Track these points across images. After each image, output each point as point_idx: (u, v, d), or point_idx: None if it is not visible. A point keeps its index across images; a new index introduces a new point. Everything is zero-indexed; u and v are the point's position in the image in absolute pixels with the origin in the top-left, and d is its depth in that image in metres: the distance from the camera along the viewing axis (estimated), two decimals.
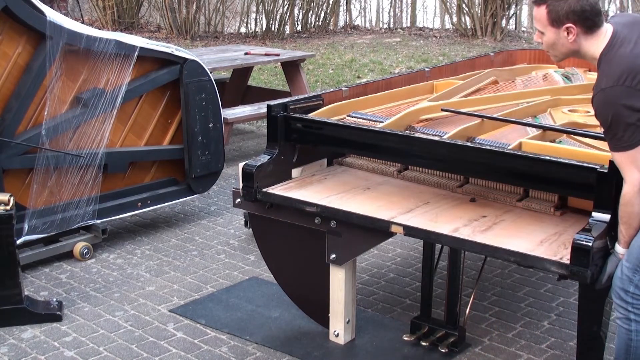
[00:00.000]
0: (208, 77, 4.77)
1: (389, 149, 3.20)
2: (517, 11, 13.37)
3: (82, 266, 4.32)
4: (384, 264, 4.31)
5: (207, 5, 13.22)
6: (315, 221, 3.23)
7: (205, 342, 3.50)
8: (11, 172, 4.16)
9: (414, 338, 3.40)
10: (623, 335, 2.70)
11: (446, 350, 3.32)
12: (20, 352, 3.41)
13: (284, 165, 3.41)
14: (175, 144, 4.81)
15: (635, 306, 2.65)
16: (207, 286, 4.07)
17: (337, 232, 3.20)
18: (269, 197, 3.30)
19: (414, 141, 3.14)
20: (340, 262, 3.26)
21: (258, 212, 3.41)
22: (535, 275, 4.11)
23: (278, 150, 3.37)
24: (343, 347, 3.41)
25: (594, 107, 2.59)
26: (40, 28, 4.06)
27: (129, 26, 13.13)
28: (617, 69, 2.55)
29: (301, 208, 3.21)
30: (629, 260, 2.63)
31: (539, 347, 3.39)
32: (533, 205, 3.07)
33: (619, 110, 2.50)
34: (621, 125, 2.51)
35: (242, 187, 3.34)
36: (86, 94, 4.30)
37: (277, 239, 3.51)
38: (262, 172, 3.31)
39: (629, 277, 2.63)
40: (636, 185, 2.52)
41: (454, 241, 2.88)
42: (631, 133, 2.51)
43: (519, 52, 5.05)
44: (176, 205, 5.20)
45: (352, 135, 3.29)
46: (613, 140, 2.55)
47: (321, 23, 14.21)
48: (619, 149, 2.54)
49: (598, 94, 2.56)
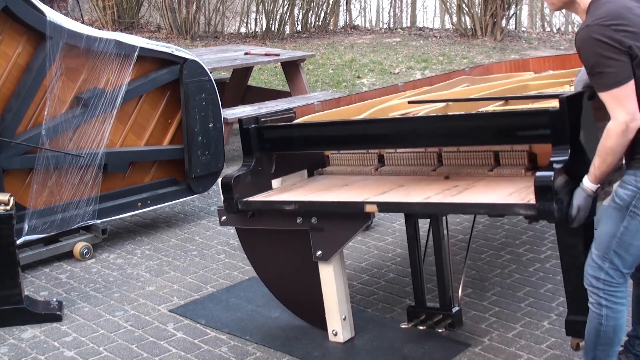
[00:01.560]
0: (208, 77, 4.77)
1: (359, 136, 3.31)
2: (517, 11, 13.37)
3: (82, 266, 4.32)
4: (384, 264, 4.31)
5: (207, 5, 13.21)
6: (297, 221, 3.32)
7: (205, 342, 3.50)
8: (11, 172, 4.16)
9: (412, 325, 3.42)
10: (594, 320, 2.80)
11: (444, 331, 3.33)
12: (20, 352, 3.41)
13: (263, 176, 3.51)
14: (175, 144, 4.81)
15: (607, 292, 2.75)
16: (207, 286, 4.07)
17: (319, 228, 3.28)
18: (250, 205, 3.39)
19: (381, 123, 3.29)
20: (326, 257, 3.31)
21: (243, 225, 3.52)
22: (535, 275, 4.11)
23: (254, 161, 3.47)
24: (343, 346, 3.41)
25: (578, 46, 2.62)
26: (40, 28, 4.06)
27: (129, 26, 13.13)
28: (603, 11, 2.60)
29: (280, 208, 3.30)
30: (598, 249, 2.73)
31: (539, 347, 3.39)
32: (504, 171, 3.18)
33: (601, 45, 2.53)
34: (603, 60, 2.53)
35: (224, 200, 3.42)
36: (86, 94, 4.31)
37: (266, 250, 3.58)
38: (240, 183, 3.40)
39: (599, 264, 2.73)
40: (620, 124, 2.54)
41: (425, 206, 2.99)
42: (614, 70, 2.53)
43: (495, 65, 5.21)
44: (176, 205, 5.20)
45: (320, 131, 3.41)
46: (598, 80, 2.58)
47: (321, 23, 14.20)
48: (604, 87, 2.57)
49: (581, 30, 2.60)
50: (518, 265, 4.25)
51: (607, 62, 2.54)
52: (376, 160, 3.58)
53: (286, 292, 3.61)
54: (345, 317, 3.43)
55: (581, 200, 2.69)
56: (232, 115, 6.14)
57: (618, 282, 2.74)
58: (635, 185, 2.64)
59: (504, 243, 4.56)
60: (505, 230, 4.77)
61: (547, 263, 4.27)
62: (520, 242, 4.58)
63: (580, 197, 2.69)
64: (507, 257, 4.36)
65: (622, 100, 2.54)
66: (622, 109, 2.54)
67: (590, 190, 2.66)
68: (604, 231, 2.73)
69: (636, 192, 2.64)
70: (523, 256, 4.36)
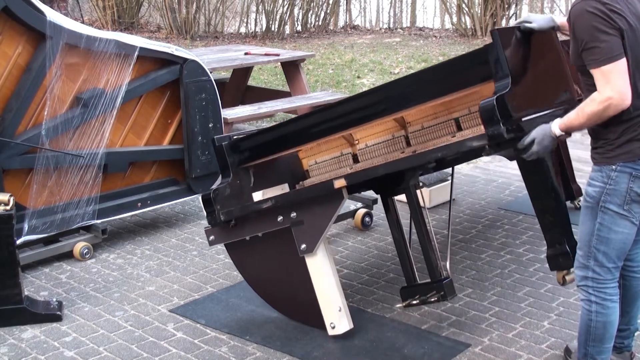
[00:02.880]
0: (208, 77, 4.77)
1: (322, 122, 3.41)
2: (517, 11, 13.34)
3: (82, 266, 4.32)
4: (384, 264, 4.31)
5: (207, 5, 13.21)
6: (278, 220, 3.44)
7: (205, 342, 3.50)
8: (11, 172, 4.16)
9: (406, 304, 3.45)
10: (584, 316, 2.88)
11: (437, 299, 3.35)
12: (20, 352, 3.41)
13: (242, 189, 3.61)
14: (175, 144, 4.81)
15: (595, 289, 2.83)
16: (207, 286, 4.07)
17: (300, 222, 3.39)
18: (230, 214, 3.55)
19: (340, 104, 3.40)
20: (311, 248, 3.39)
21: (229, 238, 3.66)
22: (536, 275, 4.11)
23: (232, 175, 3.62)
24: (343, 346, 3.42)
25: (572, 20, 2.65)
26: (40, 28, 4.06)
27: (129, 26, 13.13)
28: None
29: (259, 208, 3.47)
30: (581, 249, 2.83)
31: (539, 347, 3.39)
32: (466, 133, 3.26)
33: (596, 19, 2.57)
34: (596, 34, 2.57)
35: (207, 215, 3.63)
36: (86, 94, 4.30)
37: (256, 262, 3.68)
38: (220, 195, 3.59)
39: (584, 263, 2.83)
40: (604, 98, 2.59)
41: (388, 166, 3.18)
42: (606, 45, 2.56)
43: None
44: (176, 205, 5.20)
45: (283, 131, 3.54)
46: (590, 56, 2.60)
47: (321, 23, 14.21)
48: (595, 64, 2.59)
49: (577, 4, 2.63)
50: (518, 265, 4.25)
51: (600, 37, 2.56)
52: (351, 161, 3.64)
53: (284, 301, 3.66)
54: (340, 308, 3.45)
55: (540, 133, 2.78)
56: (232, 115, 6.14)
57: (605, 278, 2.82)
58: (602, 181, 2.72)
59: (504, 243, 4.56)
60: (505, 230, 4.77)
61: (547, 263, 4.26)
62: (520, 242, 4.58)
63: (541, 131, 2.78)
64: (507, 257, 4.36)
65: (611, 76, 2.56)
66: (608, 86, 2.57)
67: (554, 132, 2.75)
68: (582, 230, 2.83)
69: (603, 187, 2.72)
70: (523, 256, 4.36)
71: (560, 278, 3.26)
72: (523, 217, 4.96)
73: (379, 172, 3.21)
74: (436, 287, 3.36)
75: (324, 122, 3.40)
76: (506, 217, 4.98)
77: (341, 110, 3.36)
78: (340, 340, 3.46)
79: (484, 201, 5.32)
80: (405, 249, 3.53)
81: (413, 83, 3.16)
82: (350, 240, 4.67)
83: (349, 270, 4.23)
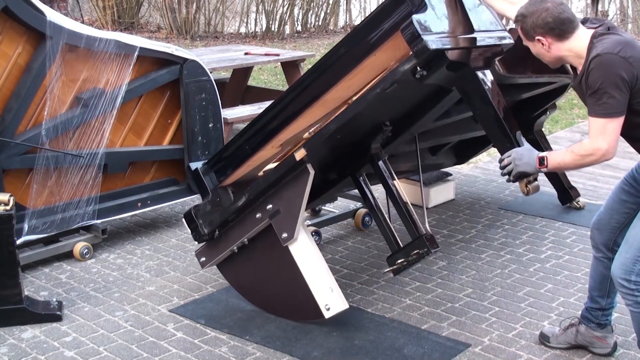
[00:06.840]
0: (208, 77, 4.77)
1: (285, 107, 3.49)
2: None
3: (82, 266, 4.32)
4: (384, 264, 4.30)
5: (207, 5, 13.21)
6: (257, 217, 3.51)
7: (205, 342, 3.50)
8: (11, 172, 4.16)
9: (394, 268, 3.47)
10: (636, 317, 2.89)
11: (420, 256, 3.37)
12: (20, 352, 3.41)
13: (223, 206, 3.67)
14: (175, 144, 4.80)
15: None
16: (207, 286, 4.07)
17: (276, 211, 3.45)
18: (213, 223, 3.65)
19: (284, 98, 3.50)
20: (292, 234, 3.43)
21: (218, 253, 3.72)
22: (535, 275, 4.11)
23: (211, 195, 3.73)
24: (343, 346, 3.42)
25: (595, 65, 2.67)
26: (40, 28, 4.05)
27: (129, 26, 13.13)
28: (612, 43, 2.69)
29: (236, 207, 3.55)
30: (629, 252, 2.82)
31: (539, 347, 3.39)
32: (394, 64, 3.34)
33: (611, 76, 2.63)
34: (611, 89, 2.63)
35: (191, 232, 3.74)
36: (86, 94, 4.30)
37: (250, 275, 3.73)
38: (201, 211, 3.71)
39: (630, 268, 2.81)
40: (595, 149, 2.69)
41: (337, 119, 3.20)
42: (614, 101, 2.64)
43: None
44: (176, 205, 5.20)
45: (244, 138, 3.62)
46: (594, 105, 2.68)
47: (321, 23, 14.21)
48: (596, 114, 2.68)
49: (595, 58, 2.67)
50: (518, 265, 4.25)
51: (614, 93, 2.64)
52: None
53: (283, 305, 3.67)
54: (332, 289, 3.47)
55: (519, 157, 2.86)
56: (232, 115, 6.14)
57: None
58: None
59: (504, 243, 4.56)
60: (505, 230, 4.77)
61: (547, 263, 4.27)
62: (520, 242, 4.58)
63: (522, 156, 2.87)
64: (507, 257, 4.37)
65: (608, 131, 2.67)
66: (604, 139, 2.67)
67: (536, 167, 2.84)
68: (636, 234, 2.81)
69: None
70: (523, 256, 4.37)
71: (524, 187, 3.08)
72: (523, 217, 4.97)
73: (330, 128, 3.23)
74: (417, 245, 3.39)
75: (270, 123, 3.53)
76: (506, 217, 4.98)
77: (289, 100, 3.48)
78: (340, 340, 3.46)
79: (484, 201, 5.32)
80: (382, 219, 3.58)
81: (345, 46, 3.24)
82: (350, 240, 4.67)
83: (349, 270, 4.23)
